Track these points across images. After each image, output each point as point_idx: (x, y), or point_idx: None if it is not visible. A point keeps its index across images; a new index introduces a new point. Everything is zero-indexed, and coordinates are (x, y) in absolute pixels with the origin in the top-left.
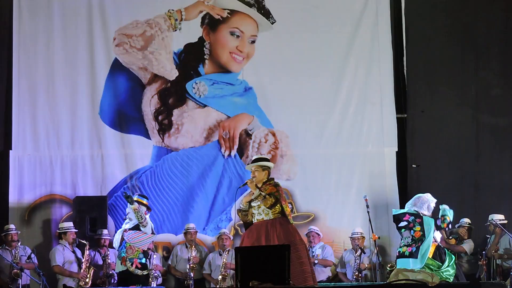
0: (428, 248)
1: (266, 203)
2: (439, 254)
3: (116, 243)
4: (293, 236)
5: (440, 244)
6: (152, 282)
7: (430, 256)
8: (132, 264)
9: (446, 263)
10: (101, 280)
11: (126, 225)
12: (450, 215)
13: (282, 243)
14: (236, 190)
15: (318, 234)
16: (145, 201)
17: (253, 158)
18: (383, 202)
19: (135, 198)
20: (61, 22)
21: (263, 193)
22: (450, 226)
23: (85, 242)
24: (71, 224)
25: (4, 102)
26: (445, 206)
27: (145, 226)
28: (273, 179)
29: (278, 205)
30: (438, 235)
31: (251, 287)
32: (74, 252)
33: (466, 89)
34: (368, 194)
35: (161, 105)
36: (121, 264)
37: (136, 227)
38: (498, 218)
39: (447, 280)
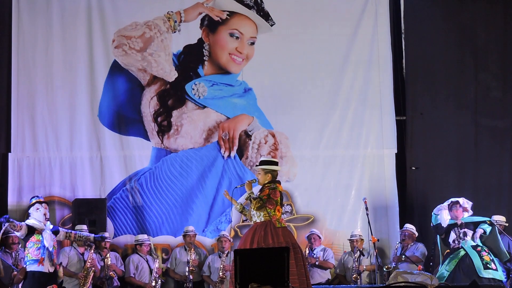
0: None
1: (253, 206)
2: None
3: (51, 246)
4: (275, 239)
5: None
6: (156, 285)
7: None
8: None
9: (442, 267)
10: (101, 282)
11: (48, 230)
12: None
13: (260, 246)
14: (232, 190)
15: (319, 237)
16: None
17: (260, 160)
18: (382, 204)
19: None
20: (60, 24)
21: (252, 195)
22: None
23: (92, 244)
24: (83, 227)
25: (4, 104)
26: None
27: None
28: (274, 182)
29: (265, 208)
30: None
31: None
32: (82, 254)
33: (465, 91)
34: (367, 196)
35: (160, 107)
36: (57, 268)
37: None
38: (498, 219)
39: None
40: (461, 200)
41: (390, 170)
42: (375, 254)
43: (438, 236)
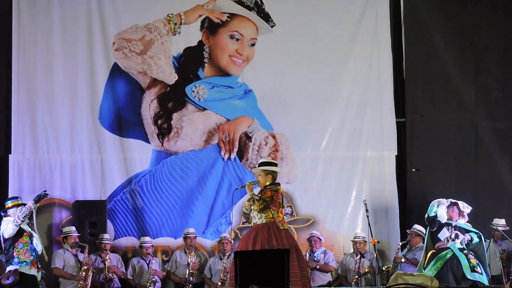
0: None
1: (256, 207)
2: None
3: (40, 250)
4: (279, 241)
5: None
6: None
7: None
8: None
9: (428, 267)
10: (101, 283)
11: (35, 233)
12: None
13: (263, 248)
14: (233, 192)
15: (320, 239)
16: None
17: (260, 161)
18: (382, 206)
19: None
20: (61, 26)
21: (255, 197)
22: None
23: (84, 244)
24: (72, 228)
25: (4, 106)
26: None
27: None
28: (275, 184)
29: (268, 210)
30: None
31: None
32: (76, 255)
33: (465, 93)
34: (367, 198)
35: (161, 109)
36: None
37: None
38: (498, 223)
39: None
40: (461, 204)
41: (390, 172)
42: (375, 256)
43: (427, 229)
